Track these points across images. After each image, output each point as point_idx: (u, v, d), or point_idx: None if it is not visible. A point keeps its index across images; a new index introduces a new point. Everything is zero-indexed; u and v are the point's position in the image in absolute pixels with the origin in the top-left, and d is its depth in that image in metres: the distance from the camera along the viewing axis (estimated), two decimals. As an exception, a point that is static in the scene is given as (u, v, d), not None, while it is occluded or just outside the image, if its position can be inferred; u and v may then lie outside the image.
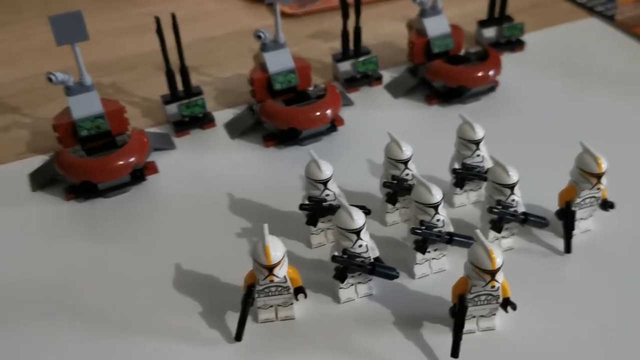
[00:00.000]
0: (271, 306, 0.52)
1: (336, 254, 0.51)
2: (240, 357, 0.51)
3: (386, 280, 0.54)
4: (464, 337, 0.50)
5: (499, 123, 0.74)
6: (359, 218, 0.50)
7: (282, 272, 0.49)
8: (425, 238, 0.52)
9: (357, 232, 0.50)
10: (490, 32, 0.87)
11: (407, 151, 0.57)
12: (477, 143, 0.59)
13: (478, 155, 0.59)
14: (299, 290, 0.52)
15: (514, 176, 0.53)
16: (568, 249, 0.57)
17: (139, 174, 0.68)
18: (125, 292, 0.57)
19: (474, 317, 0.50)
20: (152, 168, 0.69)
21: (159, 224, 0.64)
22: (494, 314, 0.51)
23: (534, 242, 0.59)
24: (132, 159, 0.65)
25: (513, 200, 0.54)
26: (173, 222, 0.64)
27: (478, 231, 0.48)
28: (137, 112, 0.79)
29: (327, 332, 0.52)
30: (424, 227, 0.52)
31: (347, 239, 0.50)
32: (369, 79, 0.81)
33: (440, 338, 0.50)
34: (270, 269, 0.48)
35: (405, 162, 0.57)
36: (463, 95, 0.76)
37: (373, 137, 0.69)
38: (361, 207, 0.58)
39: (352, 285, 0.54)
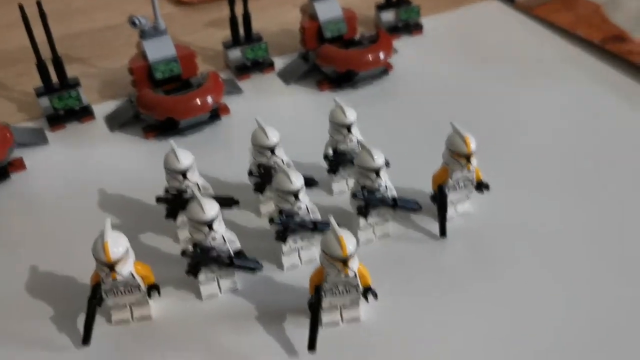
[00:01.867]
0: (125, 305, 0.49)
1: (188, 247, 0.48)
2: (90, 362, 0.47)
3: (251, 273, 0.51)
4: (329, 329, 0.48)
5: (390, 107, 0.73)
6: (210, 209, 0.47)
7: (126, 269, 0.45)
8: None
9: (209, 224, 0.47)
10: (388, 16, 0.85)
11: (273, 138, 0.54)
12: (348, 127, 0.56)
13: (351, 141, 0.57)
14: (151, 288, 0.49)
15: (379, 160, 0.51)
16: (443, 232, 0.55)
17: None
18: (-26, 298, 0.53)
19: (337, 307, 0.48)
20: (19, 165, 0.65)
21: (21, 225, 0.60)
22: (357, 304, 0.48)
23: (411, 228, 0.57)
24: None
25: (380, 185, 0.52)
26: (36, 223, 0.60)
27: (331, 217, 0.45)
28: (12, 107, 0.75)
29: (186, 331, 0.49)
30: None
31: (199, 231, 0.47)
32: (261, 66, 0.78)
33: (302, 331, 0.48)
34: (111, 266, 0.45)
35: (272, 149, 0.54)
36: (353, 79, 0.74)
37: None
38: (228, 199, 0.56)
39: (214, 279, 0.51)
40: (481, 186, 0.56)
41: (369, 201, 0.52)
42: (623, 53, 0.79)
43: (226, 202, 0.55)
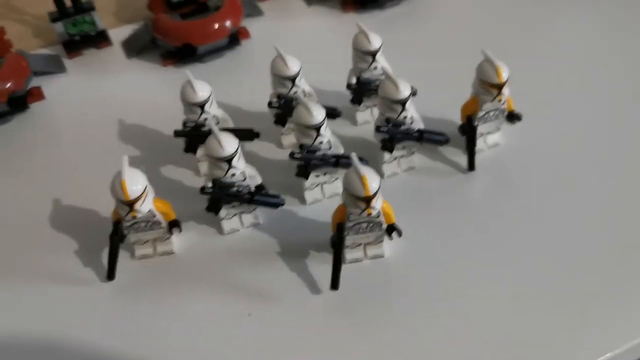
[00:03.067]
0: (147, 241, 0.49)
1: (207, 184, 0.47)
2: (115, 295, 0.48)
3: (273, 209, 0.50)
4: (352, 265, 0.48)
5: (417, 32, 0.69)
6: (228, 145, 0.45)
7: (145, 206, 0.45)
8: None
9: (228, 160, 0.46)
10: None
11: (294, 67, 0.52)
12: (372, 54, 0.53)
13: (376, 69, 0.54)
14: (173, 224, 0.48)
15: (404, 91, 0.48)
16: (471, 166, 0.53)
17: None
18: (-1, 230, 0.53)
19: (360, 244, 0.47)
20: (38, 94, 0.63)
21: (41, 157, 0.59)
22: (381, 241, 0.48)
23: (438, 161, 0.55)
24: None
25: (405, 117, 0.50)
26: (57, 155, 0.59)
27: (354, 155, 0.44)
28: (27, 31, 0.72)
29: (208, 266, 0.49)
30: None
31: (217, 167, 0.46)
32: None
33: (325, 268, 0.47)
34: (130, 204, 0.44)
35: (293, 79, 0.52)
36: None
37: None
38: (248, 131, 0.54)
39: (236, 215, 0.50)
40: (513, 117, 0.53)
41: (393, 134, 0.50)
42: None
43: (246, 135, 0.53)
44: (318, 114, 0.47)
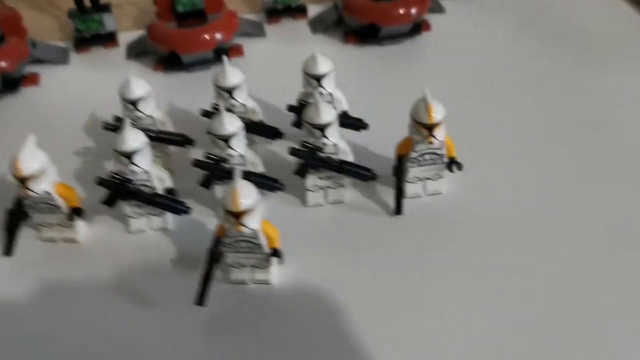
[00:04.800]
0: (53, 225, 0.49)
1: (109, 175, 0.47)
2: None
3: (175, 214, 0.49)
4: (237, 287, 0.46)
5: (412, 70, 0.66)
6: (130, 140, 0.45)
7: (39, 186, 0.46)
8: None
9: (127, 155, 0.46)
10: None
11: (233, 79, 0.51)
12: (317, 79, 0.52)
13: (322, 94, 0.52)
14: (75, 211, 0.49)
15: (325, 116, 0.46)
16: (398, 209, 0.49)
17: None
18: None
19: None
20: (32, 79, 0.67)
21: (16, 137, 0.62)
22: (267, 266, 0.45)
23: (370, 199, 0.52)
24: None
25: (324, 144, 0.47)
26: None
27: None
28: (52, 25, 0.77)
29: (105, 259, 0.49)
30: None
31: (120, 162, 0.46)
32: (293, 11, 0.74)
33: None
34: (22, 180, 0.45)
35: (230, 91, 0.52)
36: (378, 35, 0.68)
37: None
38: (180, 136, 0.54)
39: (144, 215, 0.50)
40: (452, 165, 0.49)
41: (307, 159, 0.47)
42: None
43: (180, 141, 0.53)
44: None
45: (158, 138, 0.52)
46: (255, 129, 0.53)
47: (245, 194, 0.41)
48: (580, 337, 0.42)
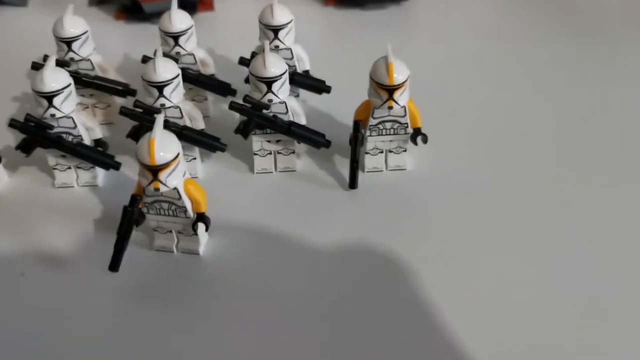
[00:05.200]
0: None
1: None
2: None
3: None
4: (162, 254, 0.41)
5: (386, 37, 0.60)
6: (49, 81, 0.40)
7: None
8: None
9: (48, 97, 0.40)
10: None
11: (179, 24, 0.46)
12: (274, 30, 0.46)
13: (277, 47, 0.47)
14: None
15: (273, 69, 0.41)
16: (352, 182, 0.44)
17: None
18: None
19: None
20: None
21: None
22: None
23: (324, 169, 0.46)
24: None
25: (271, 100, 0.42)
26: None
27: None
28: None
29: (25, 213, 0.44)
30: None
31: (39, 104, 0.41)
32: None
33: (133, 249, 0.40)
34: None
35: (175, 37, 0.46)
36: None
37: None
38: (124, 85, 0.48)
39: (70, 168, 0.44)
40: (416, 135, 0.44)
41: (250, 116, 0.42)
42: None
43: (121, 90, 0.48)
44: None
45: (94, 85, 0.47)
46: (203, 82, 0.48)
47: (165, 146, 0.35)
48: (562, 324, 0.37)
